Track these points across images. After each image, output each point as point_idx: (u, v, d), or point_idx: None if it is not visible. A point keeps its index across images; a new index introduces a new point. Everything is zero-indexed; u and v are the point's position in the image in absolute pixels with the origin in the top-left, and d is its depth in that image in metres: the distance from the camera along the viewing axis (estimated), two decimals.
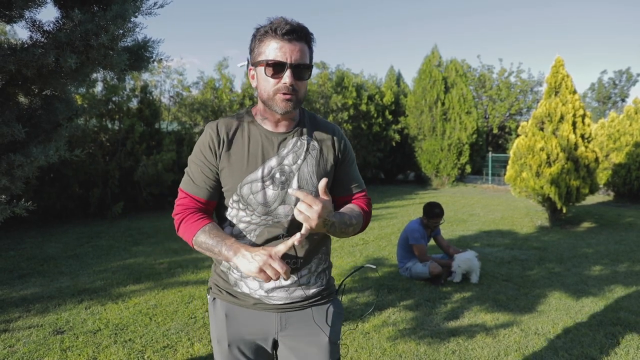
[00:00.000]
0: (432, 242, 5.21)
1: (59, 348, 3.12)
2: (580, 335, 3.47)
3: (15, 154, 2.22)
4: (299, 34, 1.28)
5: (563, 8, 59.27)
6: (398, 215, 9.27)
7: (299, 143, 1.40)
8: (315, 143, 1.43)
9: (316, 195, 1.35)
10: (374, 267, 1.60)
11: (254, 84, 1.38)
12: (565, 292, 4.51)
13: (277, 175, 1.36)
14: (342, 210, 1.43)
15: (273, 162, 1.37)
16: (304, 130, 1.43)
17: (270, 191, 1.36)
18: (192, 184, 1.40)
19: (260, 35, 1.31)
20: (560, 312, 3.97)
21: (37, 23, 2.22)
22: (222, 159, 1.37)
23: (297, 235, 1.21)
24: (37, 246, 6.14)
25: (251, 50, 1.36)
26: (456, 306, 4.09)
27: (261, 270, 1.19)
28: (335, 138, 1.47)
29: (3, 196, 2.30)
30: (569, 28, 59.99)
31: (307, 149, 1.41)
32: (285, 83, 1.28)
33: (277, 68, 1.27)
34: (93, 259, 5.51)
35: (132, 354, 3.06)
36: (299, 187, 1.37)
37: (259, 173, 1.36)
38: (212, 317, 1.52)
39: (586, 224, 8.56)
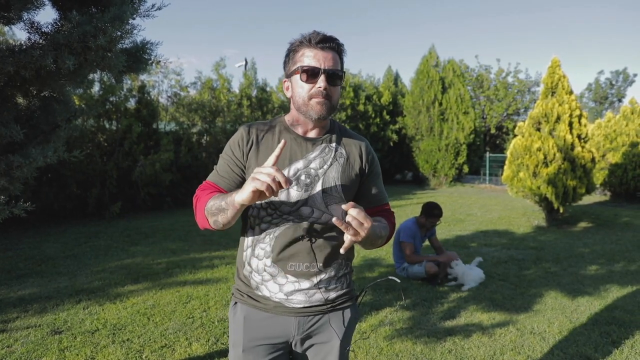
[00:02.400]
0: (426, 242, 5.23)
1: (57, 348, 3.13)
2: (576, 334, 3.49)
3: (13, 155, 2.23)
4: (331, 44, 1.36)
5: (561, 9, 59.45)
6: (396, 215, 9.26)
7: (327, 149, 1.45)
8: (343, 151, 1.47)
9: (339, 201, 1.42)
10: (398, 280, 1.63)
11: (288, 95, 1.44)
12: (561, 291, 4.53)
13: (303, 177, 1.39)
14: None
15: (300, 164, 1.40)
16: (333, 137, 1.48)
17: (294, 192, 1.39)
18: (216, 174, 1.46)
19: (295, 46, 1.39)
20: (556, 311, 4.00)
21: (35, 24, 2.23)
22: (250, 157, 1.42)
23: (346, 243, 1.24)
24: (35, 246, 6.14)
25: (285, 65, 1.44)
26: (453, 305, 4.12)
27: (254, 179, 1.15)
28: (363, 150, 1.51)
29: (2, 197, 2.31)
30: (567, 29, 60.17)
31: (335, 156, 1.45)
32: (319, 87, 1.34)
33: (312, 73, 1.34)
34: (91, 259, 5.52)
35: (130, 354, 3.08)
36: (323, 191, 1.40)
37: (285, 173, 1.37)
38: (231, 322, 1.53)
39: (583, 224, 8.60)
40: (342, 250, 1.25)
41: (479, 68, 23.14)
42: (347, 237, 1.22)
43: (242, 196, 1.19)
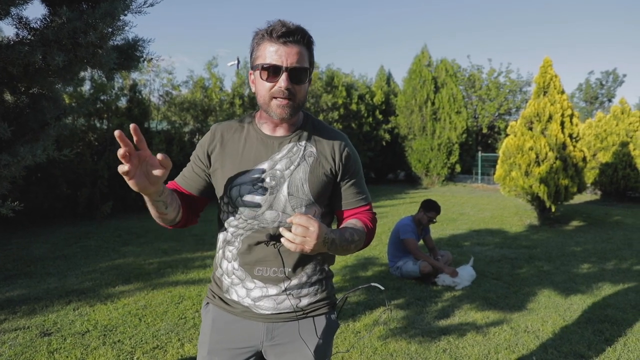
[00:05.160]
0: (420, 242, 5.23)
1: (46, 350, 3.07)
2: (569, 333, 3.50)
3: (1, 153, 2.18)
4: (295, 37, 1.24)
5: (552, 10, 59.92)
6: (389, 214, 9.29)
7: (294, 148, 1.36)
8: (314, 150, 1.37)
9: (308, 203, 1.33)
10: (381, 287, 1.49)
11: (253, 89, 1.34)
12: (554, 290, 4.55)
13: (268, 180, 1.32)
14: (343, 225, 1.40)
15: (265, 165, 1.33)
16: (304, 135, 1.38)
17: (258, 196, 1.32)
18: (181, 175, 1.46)
19: (257, 39, 1.28)
20: (550, 309, 4.01)
21: (24, 20, 2.18)
22: (215, 160, 1.37)
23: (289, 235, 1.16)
24: (23, 247, 6.05)
25: (250, 55, 1.34)
26: (447, 305, 4.11)
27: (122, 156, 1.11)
28: (337, 147, 1.40)
29: None
30: (557, 30, 60.65)
31: (303, 155, 1.35)
32: (280, 87, 1.24)
33: (272, 71, 1.24)
34: (81, 260, 5.45)
35: (121, 356, 3.03)
36: (289, 194, 1.32)
37: (249, 176, 1.33)
38: (202, 320, 1.49)
39: (574, 223, 8.66)
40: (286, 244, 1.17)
41: (471, 68, 23.23)
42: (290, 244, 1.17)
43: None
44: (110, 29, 2.33)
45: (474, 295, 4.37)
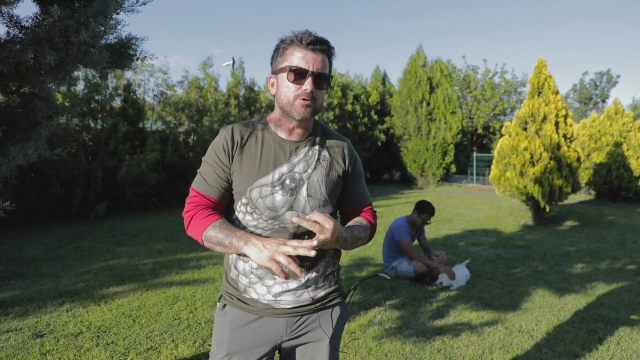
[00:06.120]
0: (414, 242, 5.23)
1: (38, 352, 3.05)
2: (563, 332, 3.51)
3: None
4: (322, 46, 1.34)
5: (547, 10, 60.22)
6: (384, 214, 9.29)
7: (310, 152, 1.44)
8: (327, 154, 1.47)
9: (325, 202, 1.43)
10: (388, 277, 1.64)
11: (272, 92, 1.42)
12: (549, 289, 4.56)
13: (287, 182, 1.39)
14: (350, 223, 1.49)
15: (284, 168, 1.40)
16: (317, 140, 1.47)
17: (279, 196, 1.38)
18: (204, 183, 1.43)
19: (285, 44, 1.36)
20: (544, 309, 4.02)
21: (15, 18, 2.16)
22: (235, 161, 1.40)
23: (306, 243, 1.23)
24: (16, 248, 6.00)
25: (273, 60, 1.41)
26: (441, 305, 4.11)
27: (272, 259, 1.21)
28: (346, 151, 1.52)
29: None
30: (552, 31, 60.94)
31: (318, 159, 1.44)
32: (306, 89, 1.32)
33: (299, 74, 1.32)
34: (75, 261, 5.41)
35: (114, 357, 3.01)
36: (308, 195, 1.40)
37: (269, 178, 1.38)
38: (216, 324, 1.50)
39: (569, 223, 8.70)
40: (305, 252, 1.23)
41: (466, 68, 23.34)
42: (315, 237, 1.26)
43: (255, 257, 1.25)
44: (102, 28, 2.31)
45: (469, 295, 4.37)
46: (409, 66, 16.81)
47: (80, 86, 8.87)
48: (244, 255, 1.40)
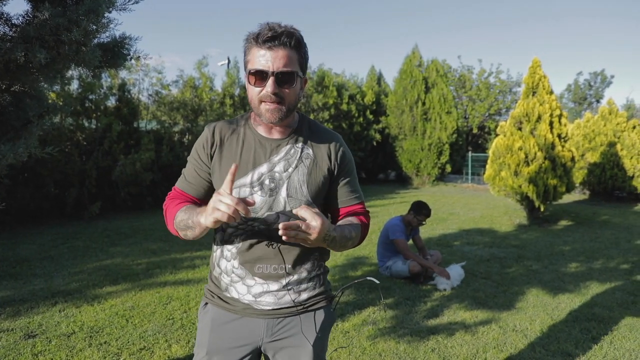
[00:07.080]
0: (409, 242, 5.23)
1: (30, 352, 3.02)
2: (557, 331, 3.52)
3: None
4: (282, 40, 1.23)
5: (541, 10, 60.47)
6: (379, 214, 9.29)
7: (292, 151, 1.38)
8: (310, 151, 1.40)
9: (307, 203, 1.36)
10: (377, 281, 1.53)
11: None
12: (543, 289, 4.58)
13: (267, 182, 1.34)
14: (341, 223, 1.44)
15: (264, 168, 1.35)
16: (300, 137, 1.41)
17: (258, 197, 1.33)
18: (184, 180, 1.43)
19: (246, 44, 1.29)
20: (538, 308, 4.03)
21: (5, 16, 2.14)
22: (214, 161, 1.38)
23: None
24: (9, 248, 5.96)
25: (244, 59, 1.35)
26: (435, 304, 4.12)
27: (215, 210, 1.12)
28: (332, 148, 1.44)
29: None
30: (547, 30, 61.18)
31: (300, 157, 1.38)
32: (267, 92, 1.25)
33: (259, 76, 1.25)
34: (68, 261, 5.38)
35: (107, 357, 2.99)
36: (288, 196, 1.34)
37: (248, 178, 1.34)
38: (199, 321, 1.49)
39: (563, 222, 8.73)
40: (282, 234, 1.15)
41: (462, 68, 23.36)
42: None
43: (206, 222, 1.18)
44: (94, 26, 2.29)
45: (463, 294, 4.38)
46: (405, 66, 16.81)
47: (74, 85, 8.82)
48: (225, 245, 1.40)
